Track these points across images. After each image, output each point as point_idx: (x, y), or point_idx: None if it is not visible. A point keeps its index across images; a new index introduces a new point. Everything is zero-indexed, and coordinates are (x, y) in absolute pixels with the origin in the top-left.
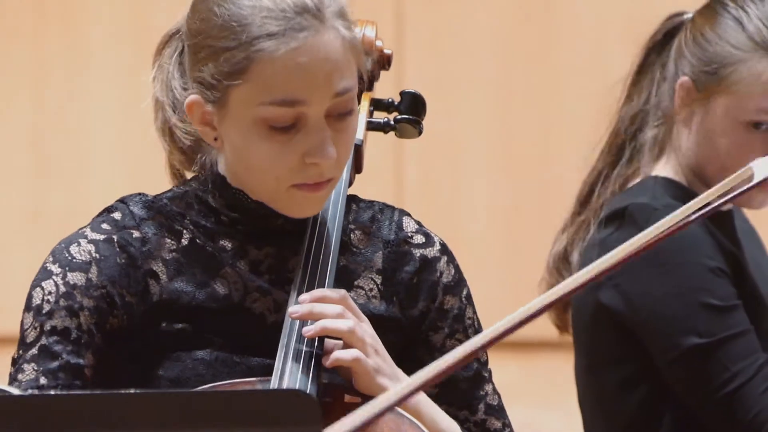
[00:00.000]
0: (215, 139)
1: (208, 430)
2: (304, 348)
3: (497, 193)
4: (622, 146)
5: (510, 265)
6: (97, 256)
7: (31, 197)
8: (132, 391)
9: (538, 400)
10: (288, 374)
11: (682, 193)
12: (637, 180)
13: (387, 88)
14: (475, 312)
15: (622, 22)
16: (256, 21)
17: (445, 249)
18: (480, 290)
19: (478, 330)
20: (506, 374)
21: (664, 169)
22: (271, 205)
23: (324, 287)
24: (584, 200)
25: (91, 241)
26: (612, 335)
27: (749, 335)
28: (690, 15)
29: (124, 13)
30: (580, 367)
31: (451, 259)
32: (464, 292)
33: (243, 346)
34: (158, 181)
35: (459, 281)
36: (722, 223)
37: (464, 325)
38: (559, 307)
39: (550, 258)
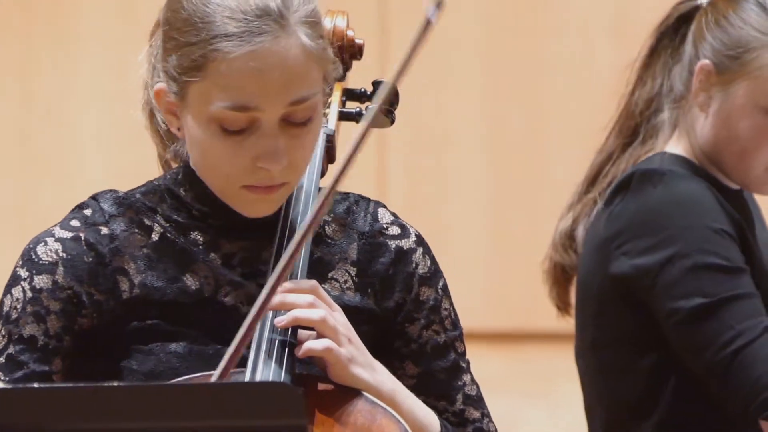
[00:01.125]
0: (179, 129)
1: (191, 422)
2: (278, 338)
3: (482, 186)
4: (636, 128)
5: (495, 257)
6: (64, 255)
7: (18, 192)
8: (114, 384)
9: (521, 391)
10: (261, 365)
11: (692, 168)
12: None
13: (371, 80)
14: (451, 303)
15: (610, 17)
16: (217, 19)
17: (420, 240)
18: (465, 281)
19: (454, 321)
20: (489, 366)
21: (676, 148)
22: (226, 201)
23: (297, 279)
24: (592, 180)
25: (58, 240)
26: (621, 307)
27: (755, 299)
28: (702, 0)
29: (113, 8)
30: (585, 345)
31: (427, 251)
32: (440, 284)
33: (217, 338)
34: (147, 177)
35: (435, 272)
36: (732, 198)
37: (440, 316)
38: (561, 286)
39: (556, 235)
